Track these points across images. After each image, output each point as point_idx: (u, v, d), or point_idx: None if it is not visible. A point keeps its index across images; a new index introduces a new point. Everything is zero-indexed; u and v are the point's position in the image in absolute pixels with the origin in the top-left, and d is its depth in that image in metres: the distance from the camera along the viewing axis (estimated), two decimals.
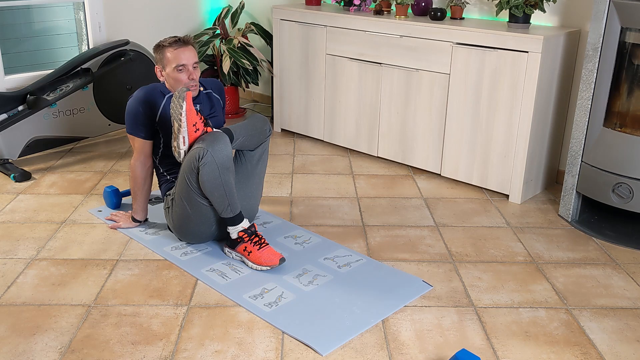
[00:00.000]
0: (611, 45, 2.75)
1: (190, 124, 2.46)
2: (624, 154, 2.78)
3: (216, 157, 2.42)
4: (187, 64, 2.64)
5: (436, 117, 3.44)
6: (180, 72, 2.64)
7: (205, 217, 2.58)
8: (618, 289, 2.45)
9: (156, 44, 2.70)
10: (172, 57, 2.63)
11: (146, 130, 2.68)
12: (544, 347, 2.09)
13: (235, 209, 2.52)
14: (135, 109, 2.66)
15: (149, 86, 2.72)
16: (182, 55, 2.63)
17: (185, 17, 4.69)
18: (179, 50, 2.63)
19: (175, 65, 2.63)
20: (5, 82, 3.76)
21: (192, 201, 2.54)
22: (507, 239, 2.85)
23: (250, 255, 2.52)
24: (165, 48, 2.65)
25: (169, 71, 2.65)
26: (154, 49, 2.71)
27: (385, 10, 3.76)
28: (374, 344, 2.08)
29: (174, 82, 2.66)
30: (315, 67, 3.95)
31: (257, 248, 2.51)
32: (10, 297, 2.31)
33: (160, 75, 2.71)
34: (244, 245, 2.53)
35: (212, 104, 2.82)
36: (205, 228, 2.63)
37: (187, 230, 2.65)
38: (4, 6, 3.95)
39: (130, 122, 2.68)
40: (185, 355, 2.01)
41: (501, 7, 3.20)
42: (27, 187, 3.32)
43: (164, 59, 2.66)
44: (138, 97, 2.67)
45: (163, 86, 2.73)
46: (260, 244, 2.52)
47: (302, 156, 3.88)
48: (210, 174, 2.43)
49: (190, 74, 2.66)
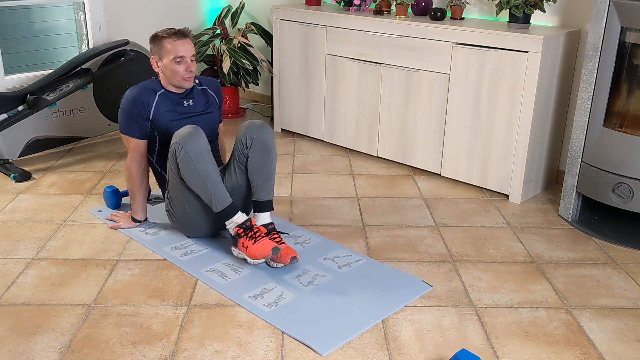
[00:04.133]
0: (611, 45, 2.75)
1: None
2: (624, 154, 2.78)
3: (189, 149, 2.44)
4: (186, 55, 2.65)
5: (436, 117, 3.44)
6: (178, 63, 2.64)
7: (203, 210, 2.59)
8: (618, 289, 2.45)
9: (153, 35, 2.70)
10: (171, 48, 2.63)
11: (140, 130, 2.69)
12: (544, 347, 2.09)
13: (222, 201, 2.50)
14: (128, 109, 2.66)
15: (140, 85, 2.72)
16: (181, 47, 2.64)
17: (185, 17, 4.69)
18: (179, 42, 2.64)
19: (174, 57, 2.63)
20: (5, 82, 3.76)
21: (186, 196, 2.56)
22: (507, 239, 2.85)
23: (248, 251, 2.47)
24: (164, 39, 2.65)
25: (167, 62, 2.65)
26: (150, 40, 2.70)
27: (385, 10, 3.76)
28: (374, 344, 2.08)
29: (171, 73, 2.66)
30: (315, 67, 3.95)
31: (252, 242, 2.47)
32: (10, 297, 2.31)
33: (156, 66, 2.71)
34: (241, 242, 2.50)
35: (207, 100, 2.83)
36: (207, 222, 2.64)
37: (191, 226, 2.67)
38: (4, 6, 3.95)
39: (123, 122, 2.69)
40: (185, 355, 2.01)
41: (501, 7, 3.20)
42: (27, 187, 3.32)
43: (161, 50, 2.66)
44: (130, 97, 2.67)
45: (154, 83, 2.73)
46: (255, 238, 2.47)
47: (302, 156, 3.88)
48: (187, 166, 2.46)
49: (188, 66, 2.67)
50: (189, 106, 2.75)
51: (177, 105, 2.73)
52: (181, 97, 2.75)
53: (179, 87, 2.72)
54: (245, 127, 2.61)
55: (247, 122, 2.63)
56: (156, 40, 2.68)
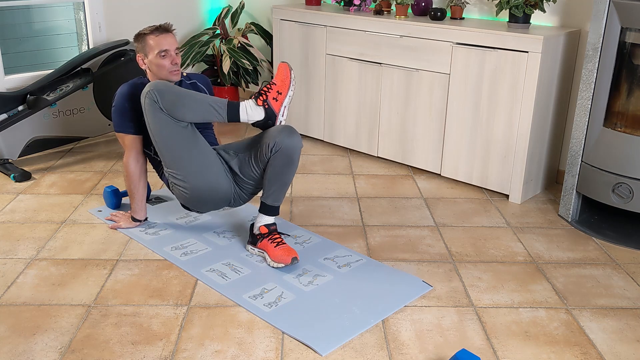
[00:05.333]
0: (611, 45, 2.75)
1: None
2: (624, 154, 2.78)
3: (156, 88, 2.47)
4: (170, 49, 2.68)
5: (436, 117, 3.44)
6: (163, 57, 2.66)
7: (204, 154, 2.57)
8: (618, 289, 2.45)
9: (136, 34, 2.72)
10: (154, 43, 2.66)
11: (135, 126, 2.69)
12: (544, 347, 2.09)
13: (220, 103, 2.51)
14: (122, 105, 2.68)
15: (131, 81, 2.75)
16: (164, 41, 2.67)
17: (185, 17, 4.69)
18: (161, 36, 2.67)
19: (158, 51, 2.65)
20: (5, 82, 3.76)
21: (182, 161, 2.54)
22: (507, 239, 2.85)
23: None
24: (147, 35, 2.68)
25: (152, 58, 2.67)
26: (134, 39, 2.73)
27: (385, 10, 3.76)
28: (374, 344, 2.08)
29: (157, 68, 2.68)
30: (315, 67, 3.95)
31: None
32: (10, 297, 2.31)
33: (142, 64, 2.73)
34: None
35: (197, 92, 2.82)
36: (214, 173, 2.59)
37: (199, 197, 2.62)
38: (4, 6, 3.95)
39: (117, 119, 2.70)
40: (185, 355, 2.01)
41: (501, 7, 3.20)
42: (27, 187, 3.32)
43: (146, 47, 2.68)
44: (122, 93, 2.69)
45: (142, 79, 2.75)
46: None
47: (302, 156, 3.88)
48: (167, 101, 2.46)
49: (173, 59, 2.69)
50: None
51: None
52: None
53: (168, 81, 2.72)
54: (277, 130, 2.52)
55: (282, 126, 2.54)
56: (139, 38, 2.70)
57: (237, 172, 2.63)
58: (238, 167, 2.63)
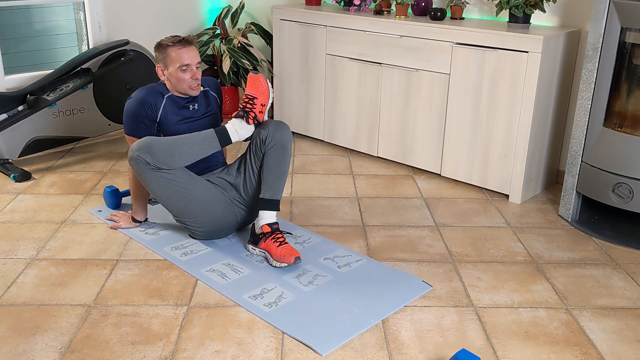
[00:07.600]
0: (611, 45, 2.75)
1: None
2: (624, 154, 2.78)
3: (141, 147, 2.49)
4: (191, 63, 2.65)
5: (436, 117, 3.44)
6: (184, 71, 2.64)
7: (209, 206, 2.61)
8: (618, 289, 2.45)
9: (158, 43, 2.69)
10: (176, 56, 2.64)
11: (147, 132, 2.68)
12: (544, 347, 2.09)
13: (207, 135, 2.57)
14: (136, 111, 2.66)
15: (147, 87, 2.72)
16: (186, 55, 2.64)
17: (185, 17, 4.69)
18: (183, 49, 2.64)
19: (179, 65, 2.63)
20: (5, 82, 3.76)
21: (188, 203, 2.59)
22: (507, 239, 2.85)
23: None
24: (169, 47, 2.65)
25: (172, 70, 2.66)
26: (155, 48, 2.70)
27: (385, 10, 3.76)
28: (374, 344, 2.08)
29: (177, 81, 2.66)
30: (315, 67, 3.95)
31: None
32: (10, 297, 2.31)
33: (161, 75, 2.71)
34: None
35: (208, 102, 2.84)
36: (220, 216, 2.66)
37: (213, 228, 2.69)
38: (4, 6, 3.95)
39: (130, 123, 2.68)
40: (185, 355, 2.01)
41: (501, 7, 3.20)
42: (27, 187, 3.32)
43: (167, 58, 2.66)
44: (138, 99, 2.66)
45: (161, 86, 2.74)
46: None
47: (302, 156, 3.88)
48: (158, 154, 2.49)
49: (194, 74, 2.67)
50: (193, 110, 2.77)
51: (182, 109, 2.74)
52: (187, 102, 2.76)
53: (186, 94, 2.73)
54: (268, 125, 2.63)
55: (272, 120, 2.66)
56: (161, 48, 2.67)
57: (241, 182, 2.70)
58: (242, 176, 2.71)
